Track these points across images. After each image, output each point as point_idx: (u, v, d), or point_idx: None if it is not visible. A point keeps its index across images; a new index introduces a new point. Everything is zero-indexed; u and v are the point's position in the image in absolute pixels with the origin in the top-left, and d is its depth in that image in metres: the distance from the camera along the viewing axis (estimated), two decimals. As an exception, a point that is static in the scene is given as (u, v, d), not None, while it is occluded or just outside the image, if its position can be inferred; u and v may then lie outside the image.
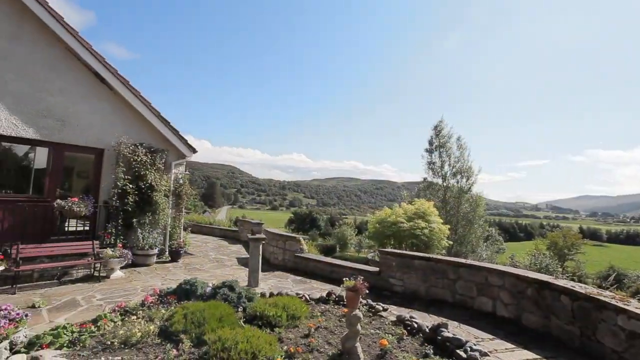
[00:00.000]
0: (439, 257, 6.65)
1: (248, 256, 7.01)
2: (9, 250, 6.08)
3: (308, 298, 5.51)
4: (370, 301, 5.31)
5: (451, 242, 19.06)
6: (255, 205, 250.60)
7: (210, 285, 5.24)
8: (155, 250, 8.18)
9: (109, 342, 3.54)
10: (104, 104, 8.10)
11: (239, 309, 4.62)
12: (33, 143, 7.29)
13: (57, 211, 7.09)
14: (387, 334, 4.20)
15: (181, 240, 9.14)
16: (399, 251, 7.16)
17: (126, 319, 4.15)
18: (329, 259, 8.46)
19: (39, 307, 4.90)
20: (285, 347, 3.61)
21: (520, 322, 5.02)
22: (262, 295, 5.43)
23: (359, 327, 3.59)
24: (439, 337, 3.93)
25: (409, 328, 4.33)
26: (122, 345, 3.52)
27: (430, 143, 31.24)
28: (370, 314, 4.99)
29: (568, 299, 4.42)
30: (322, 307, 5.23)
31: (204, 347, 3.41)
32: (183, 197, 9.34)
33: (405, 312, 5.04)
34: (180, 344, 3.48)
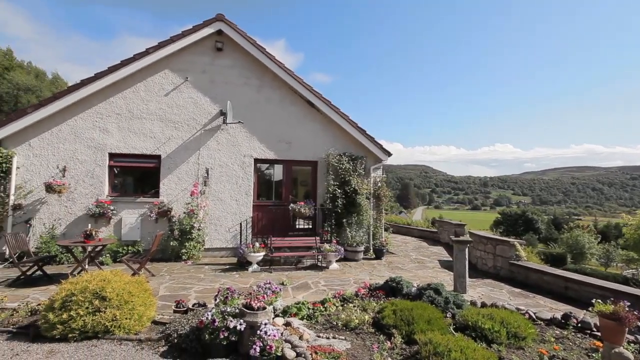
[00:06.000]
0: None
1: (450, 259, 6.57)
2: (266, 241, 8.43)
3: (534, 317, 4.51)
4: (643, 338, 3.74)
5: None
6: (452, 205, 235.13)
7: (415, 285, 5.24)
8: (362, 248, 9.08)
9: (334, 322, 4.18)
10: (314, 124, 9.87)
11: (447, 315, 4.36)
12: (272, 162, 9.83)
13: (291, 213, 9.19)
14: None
15: (383, 239, 9.73)
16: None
17: (345, 305, 4.78)
18: (561, 272, 6.66)
19: (285, 284, 6.45)
20: (510, 370, 3.06)
21: None
22: (472, 303, 4.91)
23: (628, 371, 2.56)
24: None
25: None
26: (344, 327, 4.06)
27: None
28: (646, 357, 3.49)
29: None
30: (557, 332, 4.14)
31: (414, 346, 3.42)
32: (382, 198, 9.95)
33: None
34: (392, 338, 3.64)
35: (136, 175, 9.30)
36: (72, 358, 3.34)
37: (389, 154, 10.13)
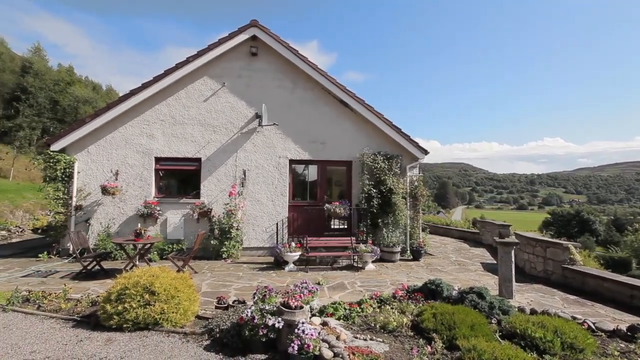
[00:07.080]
0: None
1: (494, 262, 6.20)
2: (301, 241, 8.52)
3: (593, 327, 4.12)
4: None
5: None
6: (495, 204, 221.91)
7: (456, 288, 5.01)
8: (398, 248, 8.86)
9: (371, 324, 4.12)
10: (348, 123, 9.80)
11: (492, 321, 4.12)
12: (307, 162, 9.91)
13: (326, 213, 9.20)
14: None
15: (420, 240, 9.43)
16: None
17: (382, 307, 4.69)
18: (625, 278, 6.01)
19: (321, 284, 6.46)
20: (565, 383, 2.82)
21: None
22: (521, 310, 4.59)
23: None
24: None
25: None
26: (382, 330, 3.99)
27: None
28: None
29: None
30: (622, 345, 3.76)
31: (457, 352, 3.26)
32: (419, 198, 9.64)
33: None
34: (433, 343, 3.50)
35: (179, 178, 9.85)
36: (127, 346, 3.60)
37: (425, 152, 9.79)
